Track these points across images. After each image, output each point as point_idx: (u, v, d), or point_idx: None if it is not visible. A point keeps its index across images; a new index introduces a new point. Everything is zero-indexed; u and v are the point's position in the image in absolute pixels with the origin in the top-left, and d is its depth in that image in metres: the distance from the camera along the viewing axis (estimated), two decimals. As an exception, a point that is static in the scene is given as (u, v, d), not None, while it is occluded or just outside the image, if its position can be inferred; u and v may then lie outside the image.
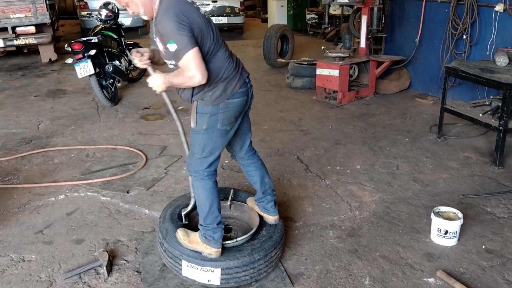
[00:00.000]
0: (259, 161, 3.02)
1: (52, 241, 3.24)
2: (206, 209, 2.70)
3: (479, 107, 4.71)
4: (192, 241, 2.73)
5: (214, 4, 12.07)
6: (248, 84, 2.72)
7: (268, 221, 2.97)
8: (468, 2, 5.49)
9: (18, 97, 6.92)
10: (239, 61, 2.72)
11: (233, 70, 2.60)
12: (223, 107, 2.58)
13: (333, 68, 6.18)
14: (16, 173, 4.31)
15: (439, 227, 3.12)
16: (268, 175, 3.04)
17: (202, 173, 2.69)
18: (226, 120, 2.62)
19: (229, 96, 2.58)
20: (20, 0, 8.38)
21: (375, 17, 6.49)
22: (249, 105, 2.81)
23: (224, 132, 2.66)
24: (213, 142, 2.65)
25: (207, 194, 2.70)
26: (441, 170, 4.26)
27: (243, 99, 2.67)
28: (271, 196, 2.99)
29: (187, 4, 2.46)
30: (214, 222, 2.71)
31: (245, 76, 2.69)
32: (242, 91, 2.65)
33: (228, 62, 2.59)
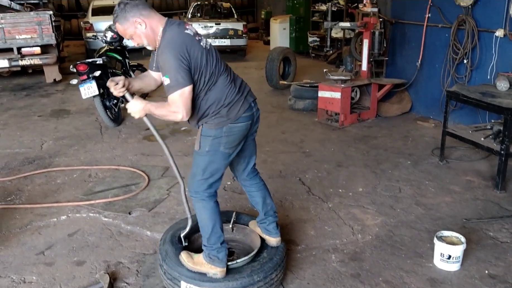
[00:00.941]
0: (261, 182, 3.04)
1: (53, 262, 3.23)
2: (209, 230, 2.71)
3: (480, 131, 4.73)
4: (197, 262, 2.74)
5: (217, 26, 12.22)
6: (254, 108, 2.74)
7: (270, 243, 2.97)
8: (469, 27, 5.56)
9: (22, 117, 6.96)
10: (244, 85, 2.76)
11: (235, 95, 2.63)
12: (227, 130, 2.61)
13: (335, 91, 6.22)
14: (18, 193, 4.31)
15: (442, 251, 3.11)
16: (270, 197, 3.06)
17: (203, 194, 2.71)
18: (229, 143, 2.65)
19: (233, 121, 2.61)
20: (27, 21, 8.50)
21: (376, 41, 6.56)
22: (255, 129, 2.85)
23: (226, 155, 2.68)
24: (214, 164, 2.67)
25: (209, 214, 2.72)
26: (444, 194, 4.25)
27: (248, 123, 2.70)
28: (273, 217, 2.99)
29: (188, 37, 2.50)
30: (218, 242, 2.72)
31: (251, 101, 2.72)
32: (247, 115, 2.67)
33: (229, 88, 2.62)
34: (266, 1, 17.94)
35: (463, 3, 5.61)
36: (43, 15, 8.62)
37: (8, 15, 8.63)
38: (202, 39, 2.59)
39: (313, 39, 12.09)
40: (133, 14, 2.46)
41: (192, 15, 13.32)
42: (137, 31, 2.50)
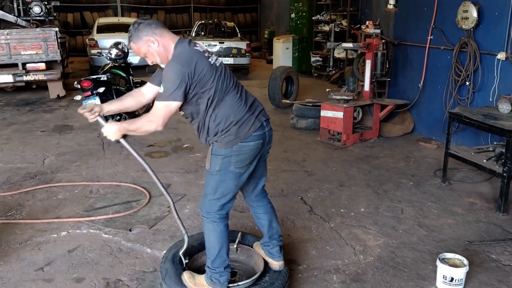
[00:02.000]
0: (269, 205, 3.02)
1: (52, 279, 3.20)
2: (215, 252, 2.71)
3: (483, 153, 4.72)
4: (198, 283, 2.74)
5: (221, 45, 12.34)
6: (266, 128, 2.73)
7: (273, 267, 2.94)
8: (471, 49, 5.60)
9: (25, 132, 6.98)
10: (256, 104, 2.76)
11: (245, 113, 2.62)
12: (237, 149, 2.60)
13: (337, 110, 6.25)
14: (19, 208, 4.30)
15: (444, 274, 3.08)
16: (276, 220, 3.04)
17: (214, 215, 2.70)
18: (239, 162, 2.63)
19: (243, 139, 2.60)
20: (32, 37, 8.59)
21: (379, 62, 6.61)
22: (266, 149, 2.83)
23: (237, 175, 2.66)
24: (226, 184, 2.65)
25: (218, 237, 2.70)
26: (446, 216, 4.23)
27: (258, 142, 2.68)
28: (277, 241, 2.97)
29: (197, 53, 2.54)
30: (222, 266, 2.71)
31: (263, 120, 2.71)
32: (258, 134, 2.66)
33: (239, 106, 2.62)
34: (270, 20, 18.17)
35: (465, 26, 5.67)
36: (48, 31, 8.72)
37: (14, 31, 8.73)
38: (211, 56, 2.62)
39: (315, 59, 12.18)
40: (146, 33, 2.54)
41: (196, 33, 13.45)
42: (150, 49, 2.58)
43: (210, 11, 18.95)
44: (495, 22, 5.38)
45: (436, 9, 6.22)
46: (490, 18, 5.46)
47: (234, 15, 19.19)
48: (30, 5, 9.64)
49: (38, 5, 9.54)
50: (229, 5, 19.39)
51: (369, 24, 7.88)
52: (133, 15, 17.33)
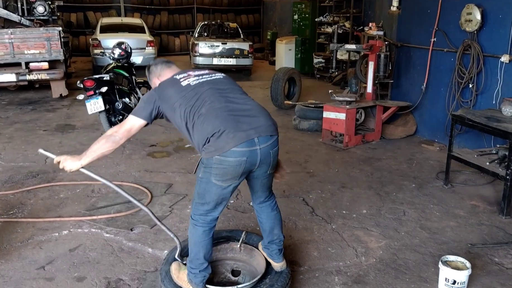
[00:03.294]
0: (273, 213, 2.94)
1: (54, 277, 3.20)
2: (192, 254, 2.74)
3: (486, 156, 4.71)
4: (180, 277, 2.80)
5: (223, 46, 12.33)
6: (258, 145, 2.53)
7: (274, 268, 2.94)
8: (474, 52, 5.59)
9: (27, 131, 6.99)
10: (248, 118, 2.59)
11: (227, 126, 2.50)
12: (216, 162, 2.51)
13: (340, 112, 6.24)
14: (21, 206, 4.30)
15: (447, 276, 3.06)
16: (280, 228, 2.97)
17: (198, 218, 2.70)
18: (219, 176, 2.55)
19: (221, 153, 2.48)
20: (36, 36, 8.60)
21: (381, 64, 6.61)
22: (263, 170, 2.66)
23: (219, 187, 2.59)
24: (208, 192, 2.63)
25: (197, 241, 2.71)
26: (449, 218, 4.22)
27: (241, 159, 2.50)
28: (277, 245, 2.94)
29: (171, 80, 2.82)
30: (198, 268, 2.71)
31: (253, 136, 2.52)
32: (241, 150, 2.48)
33: (219, 118, 2.54)
34: (272, 22, 18.17)
35: (468, 28, 5.66)
36: (52, 31, 8.73)
37: (18, 30, 8.74)
38: (188, 79, 2.76)
39: (318, 60, 12.17)
40: (153, 76, 2.99)
41: (199, 34, 13.46)
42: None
43: (213, 12, 18.97)
44: (499, 24, 5.38)
45: (440, 11, 6.21)
46: (493, 20, 5.45)
47: (237, 16, 19.20)
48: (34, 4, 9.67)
49: (41, 4, 9.57)
50: (232, 6, 19.41)
51: (372, 26, 7.88)
52: (136, 15, 17.35)
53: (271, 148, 2.61)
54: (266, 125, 2.61)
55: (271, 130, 2.62)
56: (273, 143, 2.63)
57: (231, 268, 3.07)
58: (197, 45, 12.32)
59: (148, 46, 12.49)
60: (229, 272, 3.05)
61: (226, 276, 3.05)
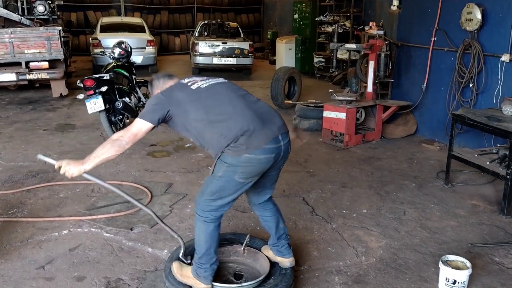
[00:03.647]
0: (275, 207, 3.01)
1: (53, 277, 3.19)
2: (202, 251, 2.73)
3: (486, 155, 4.70)
4: (184, 274, 2.79)
5: (224, 45, 12.32)
6: (282, 142, 2.65)
7: (284, 265, 2.96)
8: (475, 51, 5.58)
9: (27, 130, 6.99)
10: (269, 116, 2.70)
11: (255, 125, 2.57)
12: (245, 160, 2.54)
13: (340, 111, 6.23)
14: (21, 206, 4.30)
15: (447, 276, 3.06)
16: (283, 220, 3.05)
17: (208, 215, 2.69)
18: (245, 173, 2.59)
19: (252, 151, 2.54)
20: (36, 36, 8.59)
21: (382, 63, 6.61)
22: (281, 163, 2.78)
23: (240, 184, 2.62)
24: (225, 190, 2.64)
25: (208, 237, 2.71)
26: (449, 218, 4.21)
27: (270, 156, 2.60)
28: (285, 240, 3.01)
29: (179, 84, 2.82)
30: (208, 263, 2.74)
31: (278, 133, 2.64)
32: (270, 147, 2.59)
33: (242, 118, 2.59)
34: (273, 21, 18.16)
35: (469, 27, 5.65)
36: (52, 30, 8.73)
37: (18, 29, 8.74)
38: (196, 83, 2.75)
39: (318, 60, 12.17)
40: (155, 89, 2.91)
41: (199, 33, 13.45)
42: None
43: (213, 12, 18.95)
44: (499, 23, 5.37)
45: (440, 10, 6.20)
46: (494, 19, 5.44)
47: (237, 15, 19.20)
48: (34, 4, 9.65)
49: (42, 4, 9.56)
50: (232, 5, 19.40)
51: (372, 25, 7.88)
52: (137, 15, 17.34)
53: (289, 144, 2.76)
54: (282, 124, 2.75)
55: (286, 128, 2.77)
56: (289, 140, 2.77)
57: (234, 272, 3.05)
58: (197, 45, 12.31)
59: (148, 45, 12.49)
60: (231, 275, 3.04)
61: (228, 279, 3.03)
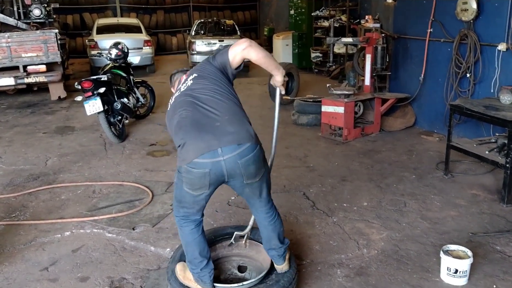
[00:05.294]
0: (270, 226, 2.80)
1: (57, 278, 3.21)
2: (188, 255, 2.74)
3: (485, 144, 4.71)
4: (186, 277, 2.77)
5: (220, 43, 12.31)
6: (219, 157, 2.41)
7: (277, 269, 2.86)
8: (471, 41, 5.58)
9: (27, 133, 7.00)
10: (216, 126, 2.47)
11: (190, 135, 2.47)
12: (184, 171, 2.51)
13: (338, 105, 6.24)
14: (23, 209, 4.32)
15: (449, 266, 3.07)
16: (277, 239, 2.82)
17: (179, 220, 2.72)
18: (189, 185, 2.54)
19: (185, 163, 2.46)
20: (33, 39, 8.60)
21: (379, 56, 6.60)
22: (228, 178, 2.49)
23: (190, 195, 2.58)
24: (183, 197, 2.63)
25: (186, 241, 2.73)
26: (449, 208, 4.22)
27: (204, 171, 2.43)
28: (276, 251, 2.83)
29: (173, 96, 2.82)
30: (198, 267, 2.69)
31: (213, 147, 2.40)
32: (201, 162, 2.41)
33: (184, 125, 2.52)
34: (269, 18, 18.14)
35: (464, 17, 5.65)
36: (48, 33, 8.73)
37: (15, 34, 8.74)
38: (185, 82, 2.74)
39: (316, 55, 12.16)
40: (172, 84, 3.11)
41: (195, 32, 13.45)
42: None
43: (209, 10, 18.92)
44: (495, 13, 5.37)
45: (435, 1, 6.20)
46: (489, 9, 5.44)
47: (233, 13, 19.17)
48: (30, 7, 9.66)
49: (38, 7, 9.56)
50: (228, 3, 19.37)
51: (368, 18, 7.86)
52: (132, 15, 17.33)
53: (239, 158, 2.43)
54: (234, 134, 2.45)
55: (239, 139, 2.44)
56: (242, 152, 2.44)
57: (237, 264, 3.06)
58: (194, 43, 12.32)
59: (145, 45, 12.49)
60: (235, 269, 3.05)
61: (232, 273, 3.05)
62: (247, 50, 2.60)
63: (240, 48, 2.61)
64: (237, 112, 2.59)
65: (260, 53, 2.63)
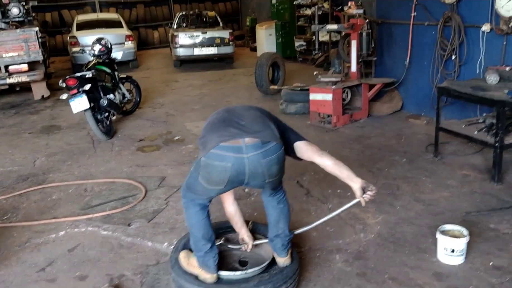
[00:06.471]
0: (280, 205, 2.82)
1: (55, 278, 3.18)
2: (192, 238, 2.75)
3: (473, 125, 4.76)
4: (190, 264, 2.77)
5: (204, 35, 12.22)
6: (243, 153, 2.37)
7: (278, 263, 2.84)
8: (455, 23, 5.62)
9: (13, 134, 6.88)
10: (241, 122, 2.49)
11: (216, 126, 2.52)
12: (203, 165, 2.48)
13: (326, 93, 6.25)
14: (14, 211, 4.25)
15: (445, 246, 3.11)
16: (285, 222, 2.84)
17: (187, 201, 2.72)
18: (205, 178, 2.51)
19: (206, 153, 2.42)
20: (13, 39, 8.41)
21: (364, 42, 6.61)
22: (248, 178, 2.45)
23: (205, 189, 2.57)
24: (193, 185, 2.64)
25: (191, 222, 2.73)
26: (441, 189, 4.28)
27: (225, 165, 2.38)
28: (281, 240, 2.82)
29: None
30: (202, 250, 2.69)
31: (236, 137, 2.39)
32: (223, 154, 2.37)
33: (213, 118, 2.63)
34: (251, 8, 18.02)
35: (448, 0, 5.68)
36: (29, 32, 8.54)
37: (-6, 33, 8.55)
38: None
39: (299, 44, 12.16)
40: None
41: (177, 25, 13.32)
42: None
43: (190, 2, 18.73)
44: (478, -6, 5.41)
45: (418, -15, 6.23)
46: (472, -10, 5.48)
47: (215, 4, 19.00)
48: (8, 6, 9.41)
49: (16, 6, 9.31)
50: (209, -6, 19.22)
51: (351, 4, 7.82)
52: (112, 10, 17.06)
53: (263, 157, 2.39)
54: (259, 132, 2.44)
55: (264, 136, 2.42)
56: (266, 152, 2.40)
57: (239, 259, 3.05)
58: (177, 37, 12.20)
59: (127, 40, 12.34)
60: (236, 262, 3.04)
61: (233, 266, 3.04)
62: (323, 155, 2.71)
63: (316, 149, 2.75)
64: (265, 118, 2.63)
65: (334, 160, 2.67)
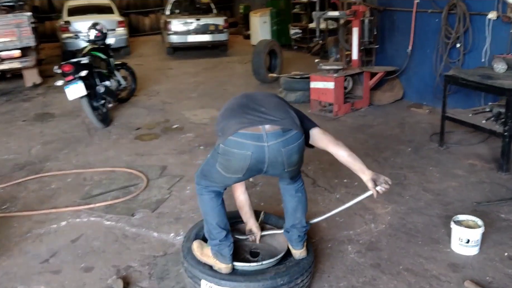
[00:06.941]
0: (298, 194, 2.76)
1: (60, 270, 3.07)
2: (207, 226, 2.65)
3: (479, 114, 4.71)
4: (204, 253, 2.67)
5: (197, 22, 12.03)
6: (264, 142, 2.29)
7: (293, 255, 2.75)
8: (460, 11, 5.55)
9: (6, 122, 6.69)
10: (253, 108, 2.41)
11: (236, 112, 2.44)
12: (222, 152, 2.37)
13: (328, 81, 6.15)
14: (13, 200, 4.12)
15: (460, 236, 3.07)
16: (302, 212, 2.77)
17: (201, 188, 2.63)
18: (223, 165, 2.42)
19: (225, 139, 2.32)
20: (5, 24, 8.15)
21: (366, 29, 6.52)
22: (267, 166, 2.37)
23: (222, 175, 2.47)
24: (210, 173, 2.55)
25: (205, 209, 2.63)
26: (449, 179, 4.23)
27: (245, 153, 2.29)
28: (298, 230, 2.73)
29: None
30: (217, 239, 2.60)
31: (255, 124, 2.31)
32: (244, 142, 2.28)
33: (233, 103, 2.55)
34: (244, -5, 17.78)
35: (452, -13, 5.60)
36: (21, 16, 8.29)
37: (-15, 19, 8.29)
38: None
39: (295, 31, 12.03)
40: None
41: (170, 12, 13.08)
42: None
43: (182, -12, 18.42)
44: (484, -19, 5.34)
45: (422, -28, 6.14)
46: (478, -23, 5.40)
47: (207, -9, 18.71)
48: (-3, -10, 9.17)
49: (6, -11, 9.08)
50: (201, -19, 18.89)
51: (351, -9, 7.74)
52: (103, -4, 16.69)
53: (284, 146, 2.33)
54: (279, 120, 2.35)
55: (284, 124, 2.35)
56: (287, 140, 2.34)
57: (250, 249, 2.97)
58: (170, 23, 12.00)
59: (119, 26, 12.11)
60: (247, 253, 2.96)
61: (245, 258, 2.96)
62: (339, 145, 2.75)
63: (332, 138, 2.75)
64: (285, 105, 2.57)
65: (348, 151, 2.69)
